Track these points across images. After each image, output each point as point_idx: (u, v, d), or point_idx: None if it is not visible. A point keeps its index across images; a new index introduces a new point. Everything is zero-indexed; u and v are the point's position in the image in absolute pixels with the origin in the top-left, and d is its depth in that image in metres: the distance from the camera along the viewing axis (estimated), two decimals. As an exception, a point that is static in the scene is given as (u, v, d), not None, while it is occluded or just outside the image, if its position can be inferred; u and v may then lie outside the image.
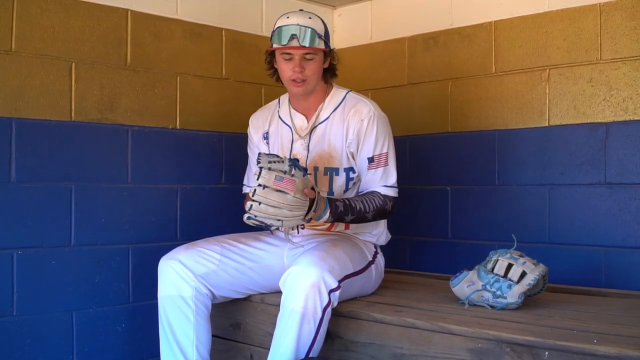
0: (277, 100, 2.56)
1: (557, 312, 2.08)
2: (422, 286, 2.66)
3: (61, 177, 2.45)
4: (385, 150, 2.34)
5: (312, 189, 2.10)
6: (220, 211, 2.88)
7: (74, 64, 2.48)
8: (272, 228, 2.16)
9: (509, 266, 2.11)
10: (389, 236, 2.54)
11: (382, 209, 2.31)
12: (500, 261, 2.13)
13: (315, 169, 2.38)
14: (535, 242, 2.65)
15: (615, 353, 1.60)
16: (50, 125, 2.42)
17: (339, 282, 2.06)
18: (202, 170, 2.87)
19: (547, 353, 1.71)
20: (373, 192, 2.33)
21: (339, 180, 2.37)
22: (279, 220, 2.02)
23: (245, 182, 2.61)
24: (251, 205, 1.99)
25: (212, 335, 2.30)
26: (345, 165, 2.36)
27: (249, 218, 2.02)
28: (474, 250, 2.80)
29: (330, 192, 2.37)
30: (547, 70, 2.69)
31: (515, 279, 2.08)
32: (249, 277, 2.35)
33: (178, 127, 2.79)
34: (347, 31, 3.40)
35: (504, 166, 2.83)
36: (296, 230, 2.32)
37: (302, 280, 1.99)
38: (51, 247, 2.41)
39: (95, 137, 2.54)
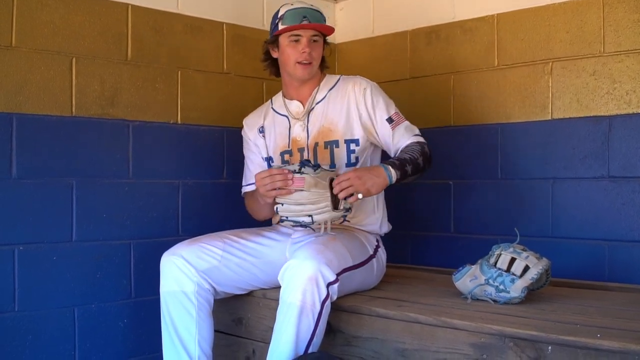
0: (269, 101, 2.60)
1: (560, 307, 2.07)
2: (424, 281, 2.65)
3: (62, 173, 2.44)
4: (396, 110, 2.41)
5: (332, 180, 2.15)
6: (222, 206, 2.87)
7: (74, 59, 2.47)
8: (311, 225, 2.20)
9: (512, 260, 2.10)
10: (390, 226, 2.54)
11: (424, 152, 2.33)
12: (503, 255, 2.12)
13: (316, 144, 2.40)
14: (538, 236, 2.64)
15: (618, 347, 1.59)
16: (51, 120, 2.41)
17: (337, 275, 2.04)
18: (203, 166, 2.86)
19: (550, 348, 1.70)
20: (407, 145, 2.35)
21: (340, 153, 2.38)
22: (308, 215, 2.13)
23: (243, 183, 2.61)
24: (277, 208, 2.17)
25: (214, 331, 2.30)
26: (346, 137, 2.37)
27: (281, 221, 2.23)
28: (477, 244, 2.79)
29: (332, 164, 2.38)
30: (550, 64, 2.68)
31: (518, 273, 2.07)
32: (252, 273, 2.35)
33: (179, 122, 2.78)
34: (349, 25, 3.38)
35: (507, 160, 2.81)
36: (343, 220, 2.33)
37: (300, 274, 1.99)
38: (52, 243, 2.41)
39: (96, 133, 2.53)
